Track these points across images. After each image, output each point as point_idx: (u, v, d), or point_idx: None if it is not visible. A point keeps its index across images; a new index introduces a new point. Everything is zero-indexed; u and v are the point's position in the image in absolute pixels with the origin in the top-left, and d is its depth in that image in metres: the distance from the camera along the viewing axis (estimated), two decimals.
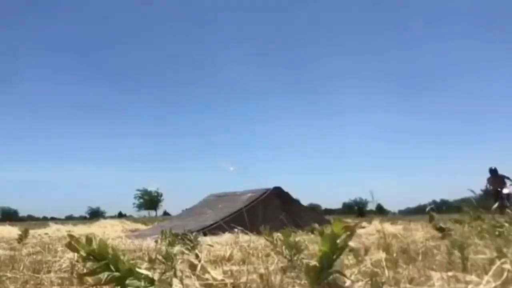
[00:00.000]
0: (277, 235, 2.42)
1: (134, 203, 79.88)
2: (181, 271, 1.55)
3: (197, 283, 1.37)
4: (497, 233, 2.57)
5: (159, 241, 3.07)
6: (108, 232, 6.16)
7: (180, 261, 1.89)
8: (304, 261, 1.66)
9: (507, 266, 1.31)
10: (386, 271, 1.46)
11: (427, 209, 3.71)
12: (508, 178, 10.62)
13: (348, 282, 1.30)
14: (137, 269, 1.22)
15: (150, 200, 78.09)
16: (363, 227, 4.92)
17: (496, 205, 3.27)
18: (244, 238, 3.25)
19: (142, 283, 1.19)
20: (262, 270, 1.59)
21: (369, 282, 1.24)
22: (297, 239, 1.98)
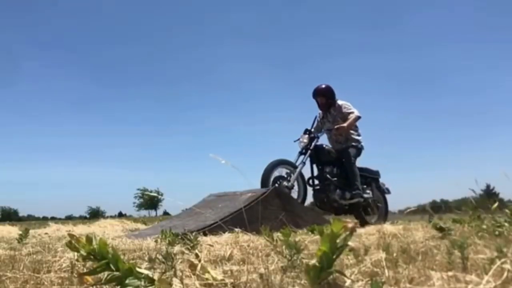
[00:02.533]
0: (277, 235, 2.41)
1: (134, 203, 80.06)
2: (181, 271, 1.55)
3: (197, 283, 1.37)
4: (497, 233, 2.57)
5: (159, 240, 3.07)
6: (108, 231, 6.15)
7: (180, 261, 1.89)
8: (304, 261, 1.66)
9: (507, 266, 1.31)
10: (386, 271, 1.46)
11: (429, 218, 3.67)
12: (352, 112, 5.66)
13: (348, 282, 1.30)
14: (137, 269, 1.22)
15: (150, 200, 78.17)
16: (363, 227, 4.92)
17: (494, 206, 3.21)
18: (244, 238, 3.25)
19: (142, 283, 1.19)
20: (262, 270, 1.59)
21: (369, 282, 1.24)
22: (297, 239, 1.98)
